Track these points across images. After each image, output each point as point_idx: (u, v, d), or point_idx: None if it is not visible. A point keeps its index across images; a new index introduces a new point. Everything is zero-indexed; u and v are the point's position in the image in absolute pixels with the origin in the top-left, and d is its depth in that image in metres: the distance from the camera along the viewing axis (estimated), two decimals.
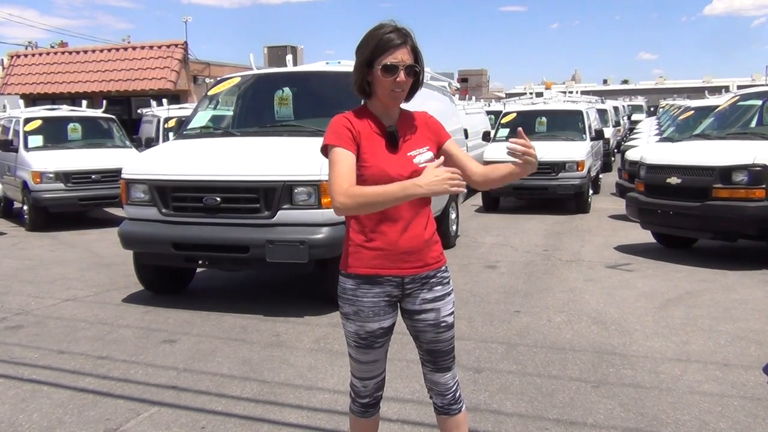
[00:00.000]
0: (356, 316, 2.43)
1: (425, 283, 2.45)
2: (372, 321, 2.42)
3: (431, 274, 2.45)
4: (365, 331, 2.44)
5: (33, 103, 18.11)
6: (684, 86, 65.25)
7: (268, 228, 5.57)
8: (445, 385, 2.54)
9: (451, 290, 2.52)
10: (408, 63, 2.33)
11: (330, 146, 2.35)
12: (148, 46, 22.00)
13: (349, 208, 2.27)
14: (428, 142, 2.45)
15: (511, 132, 13.23)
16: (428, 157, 2.40)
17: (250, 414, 3.80)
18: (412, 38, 2.38)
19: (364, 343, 2.47)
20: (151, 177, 5.95)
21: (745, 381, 4.12)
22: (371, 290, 2.40)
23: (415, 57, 2.37)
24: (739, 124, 8.40)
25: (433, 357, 2.52)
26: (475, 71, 73.20)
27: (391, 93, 2.35)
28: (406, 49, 2.33)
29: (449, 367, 2.54)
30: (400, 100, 2.39)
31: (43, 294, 6.71)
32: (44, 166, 10.97)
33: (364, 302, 2.41)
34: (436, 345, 2.49)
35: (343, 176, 2.27)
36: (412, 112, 2.52)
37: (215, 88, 7.52)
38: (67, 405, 3.95)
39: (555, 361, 4.53)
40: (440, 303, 2.47)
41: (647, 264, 7.61)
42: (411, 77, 2.36)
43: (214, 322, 5.62)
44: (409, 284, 2.42)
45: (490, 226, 10.71)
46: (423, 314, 2.46)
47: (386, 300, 2.42)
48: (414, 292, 2.44)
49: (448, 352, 2.53)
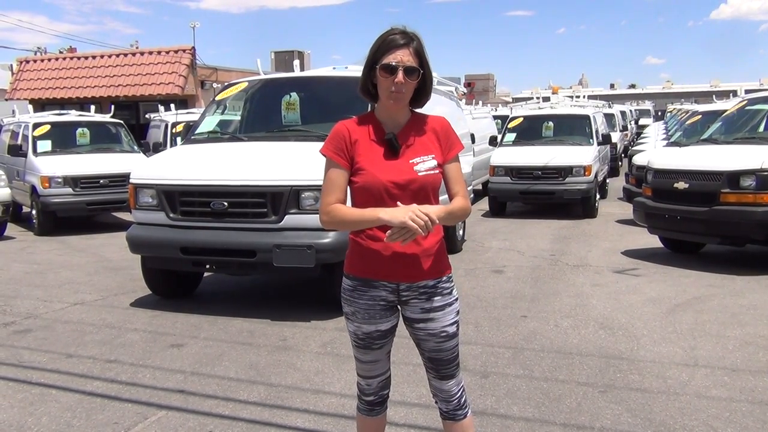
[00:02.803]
0: (354, 317, 2.47)
1: (424, 292, 2.41)
2: (367, 323, 2.45)
3: (430, 283, 2.41)
4: (362, 332, 2.48)
5: (42, 108, 18.22)
6: (691, 90, 65.04)
7: (275, 232, 5.58)
8: (449, 392, 2.52)
9: (453, 300, 2.47)
10: (408, 64, 2.31)
11: (324, 155, 2.44)
12: (156, 51, 22.11)
13: (328, 224, 2.39)
14: (434, 150, 2.40)
15: (518, 136, 13.33)
16: (431, 165, 2.36)
17: (256, 418, 3.80)
18: (419, 41, 2.36)
19: (362, 344, 2.51)
20: (159, 182, 5.98)
21: (754, 386, 4.10)
22: (367, 293, 2.42)
23: (420, 61, 2.35)
24: (746, 128, 8.37)
25: (436, 365, 2.51)
26: (482, 76, 73.12)
27: (390, 94, 2.33)
28: (407, 50, 2.33)
29: (453, 374, 2.52)
30: (401, 102, 2.37)
31: (51, 298, 6.74)
32: (53, 170, 11.04)
33: (360, 304, 2.44)
34: (438, 354, 2.48)
35: (327, 191, 2.38)
36: (426, 117, 2.47)
37: (223, 93, 7.55)
38: (75, 409, 3.97)
39: (562, 366, 4.52)
40: (440, 313, 2.43)
41: (654, 269, 7.58)
42: (413, 80, 2.33)
43: (221, 326, 5.63)
44: (405, 291, 2.41)
45: (497, 230, 10.70)
46: (422, 323, 2.44)
47: (382, 304, 2.43)
48: (411, 300, 2.42)
49: (451, 361, 2.50)
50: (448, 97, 9.47)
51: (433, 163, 2.37)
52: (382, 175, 2.33)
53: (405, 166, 2.35)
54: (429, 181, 2.36)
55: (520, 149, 12.75)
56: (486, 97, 59.07)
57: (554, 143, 12.97)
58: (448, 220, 2.37)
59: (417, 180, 2.32)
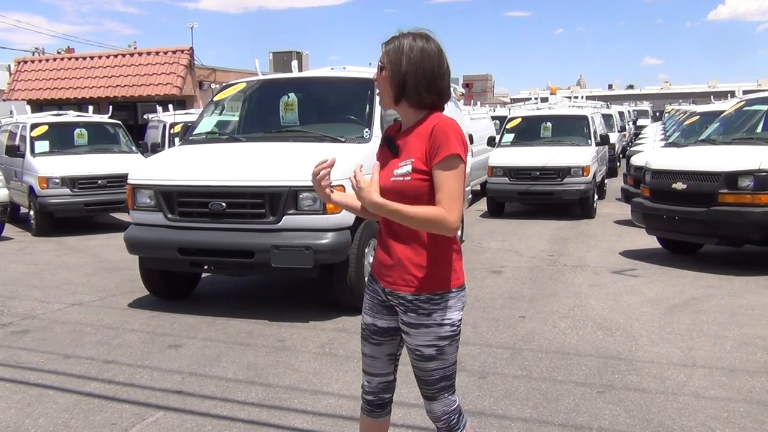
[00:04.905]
0: (364, 304, 2.57)
1: (402, 304, 2.38)
2: (367, 314, 2.54)
3: (408, 297, 2.35)
4: (364, 321, 2.56)
5: (40, 109, 18.21)
6: (689, 91, 65.18)
7: (273, 233, 5.58)
8: (433, 413, 2.45)
9: (432, 323, 2.32)
10: (380, 63, 2.38)
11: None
12: (154, 51, 22.08)
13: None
14: (417, 154, 2.28)
15: (516, 137, 13.34)
16: (404, 171, 2.27)
17: (255, 419, 3.80)
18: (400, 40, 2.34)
19: (363, 334, 2.57)
20: (157, 182, 5.98)
21: (752, 387, 4.11)
22: (370, 285, 2.55)
23: (390, 59, 2.33)
24: (744, 129, 8.38)
25: (417, 380, 2.47)
26: (480, 76, 73.07)
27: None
28: (383, 49, 2.39)
29: (434, 397, 2.42)
30: (380, 101, 2.47)
31: (49, 299, 6.73)
32: (51, 171, 11.03)
33: (366, 293, 2.57)
34: (416, 371, 2.44)
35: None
36: (436, 119, 2.32)
37: (221, 94, 7.55)
38: (73, 409, 3.96)
39: (560, 367, 4.52)
40: (413, 331, 2.36)
41: (653, 269, 7.59)
42: (380, 76, 2.37)
43: (219, 327, 5.63)
44: (389, 295, 2.42)
45: (495, 231, 10.70)
46: (404, 334, 2.43)
47: (377, 299, 2.49)
48: (396, 308, 2.43)
49: (430, 383, 2.40)
50: None
51: (407, 168, 2.27)
52: (378, 176, 2.35)
53: (390, 170, 2.34)
54: (398, 188, 2.27)
55: (518, 150, 12.76)
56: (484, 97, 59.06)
57: (552, 144, 12.98)
58: (402, 219, 2.24)
59: (387, 185, 2.29)
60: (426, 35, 2.37)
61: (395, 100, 2.37)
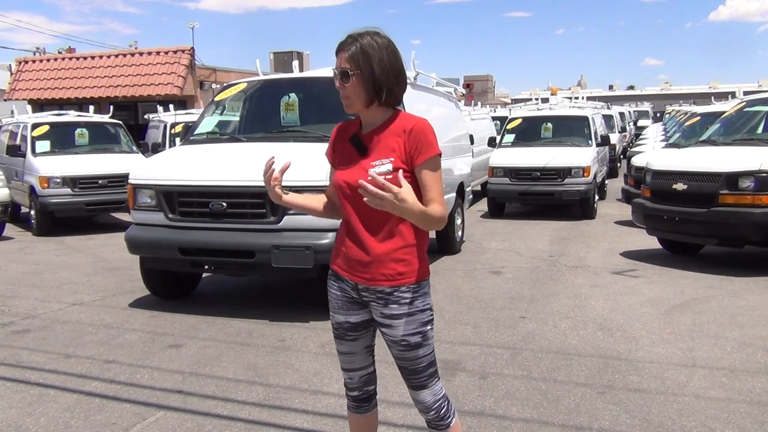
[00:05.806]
0: (330, 306, 2.54)
1: (381, 297, 2.37)
2: (337, 313, 2.52)
3: (387, 290, 2.35)
4: (335, 321, 2.54)
5: (40, 109, 18.22)
6: (690, 92, 65.18)
7: (273, 233, 5.59)
8: (424, 402, 2.46)
9: (416, 311, 2.36)
10: (342, 69, 2.29)
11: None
12: (155, 51, 22.11)
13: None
14: (394, 154, 2.29)
15: (517, 137, 13.34)
16: (384, 170, 2.24)
17: (255, 418, 3.80)
18: (362, 43, 2.28)
19: (336, 333, 2.56)
20: (158, 182, 5.98)
21: (752, 387, 4.11)
22: (335, 284, 2.51)
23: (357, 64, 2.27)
24: (745, 130, 8.38)
25: (404, 373, 2.48)
26: (481, 77, 73.15)
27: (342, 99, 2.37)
28: (344, 55, 2.30)
29: (424, 385, 2.44)
30: (350, 106, 2.35)
31: (49, 298, 6.74)
32: (51, 171, 11.04)
33: (331, 293, 2.53)
34: (403, 362, 2.44)
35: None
36: (406, 118, 2.36)
37: (222, 94, 7.56)
38: (74, 409, 3.97)
39: (560, 367, 4.53)
40: (397, 321, 2.37)
41: (653, 270, 7.59)
42: (346, 83, 2.29)
43: (219, 326, 5.63)
44: (363, 292, 2.41)
45: (496, 231, 10.71)
46: (384, 328, 2.42)
47: (346, 297, 2.47)
48: (371, 303, 2.41)
49: (418, 371, 2.43)
50: (446, 98, 9.48)
51: (388, 167, 2.26)
52: (341, 175, 2.36)
53: (361, 168, 2.30)
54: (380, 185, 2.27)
55: (519, 150, 12.77)
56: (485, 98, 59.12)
57: (553, 144, 12.99)
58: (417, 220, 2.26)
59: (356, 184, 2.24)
60: (378, 32, 2.36)
61: (367, 104, 2.33)
